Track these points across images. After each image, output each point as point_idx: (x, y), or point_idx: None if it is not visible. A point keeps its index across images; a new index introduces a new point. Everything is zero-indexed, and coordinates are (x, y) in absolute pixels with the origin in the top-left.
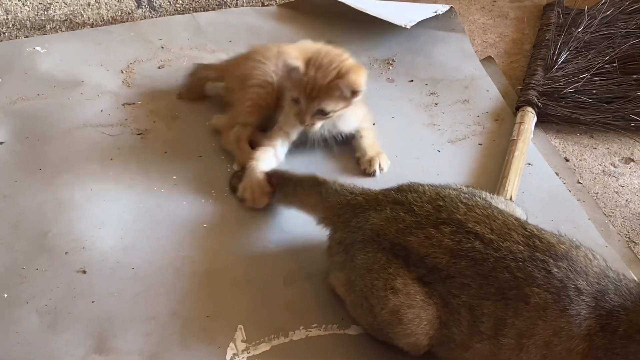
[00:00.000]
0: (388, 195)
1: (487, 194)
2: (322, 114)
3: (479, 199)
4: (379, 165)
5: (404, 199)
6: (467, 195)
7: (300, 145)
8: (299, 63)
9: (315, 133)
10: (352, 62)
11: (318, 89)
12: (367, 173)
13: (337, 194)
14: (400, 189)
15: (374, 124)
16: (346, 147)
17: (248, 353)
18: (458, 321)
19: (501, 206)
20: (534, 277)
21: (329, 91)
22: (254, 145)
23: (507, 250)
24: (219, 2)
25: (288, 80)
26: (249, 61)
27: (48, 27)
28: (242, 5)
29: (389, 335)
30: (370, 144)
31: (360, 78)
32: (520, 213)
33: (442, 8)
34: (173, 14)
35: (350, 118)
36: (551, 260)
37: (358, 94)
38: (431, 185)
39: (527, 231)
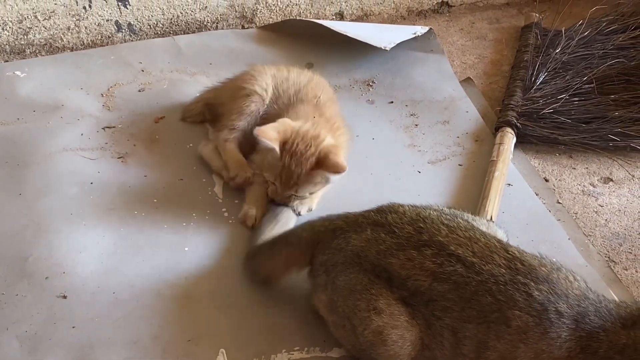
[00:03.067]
0: (368, 216)
1: (469, 215)
2: (299, 197)
3: (461, 221)
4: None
5: (384, 220)
6: (449, 217)
7: None
8: (275, 145)
9: None
10: (328, 141)
11: (297, 177)
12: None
13: (308, 229)
14: (380, 210)
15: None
16: None
17: None
18: (441, 343)
19: (483, 228)
20: (515, 300)
21: (309, 178)
22: None
23: (488, 273)
24: (199, 25)
25: (263, 154)
26: (243, 75)
27: (28, 51)
28: (222, 28)
29: (371, 356)
30: None
31: (341, 158)
32: (501, 235)
33: (421, 30)
34: (153, 37)
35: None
36: (532, 284)
37: (340, 174)
38: (411, 206)
39: (509, 254)
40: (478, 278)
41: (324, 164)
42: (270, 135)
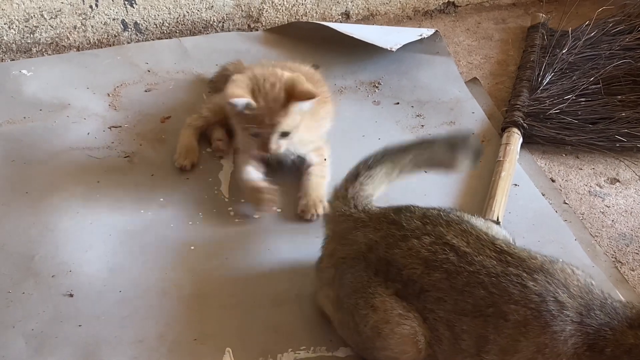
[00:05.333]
0: (387, 216)
1: (465, 214)
2: (285, 135)
3: (453, 216)
4: (315, 214)
5: (397, 218)
6: (445, 213)
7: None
8: (250, 99)
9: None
10: (288, 74)
11: (276, 115)
12: (302, 217)
13: (345, 200)
14: (397, 210)
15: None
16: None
17: None
18: (438, 339)
19: (482, 228)
20: (509, 293)
21: (287, 113)
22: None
23: (480, 264)
24: (205, 24)
25: (240, 117)
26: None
27: (34, 50)
28: (228, 28)
29: (373, 353)
30: (314, 186)
31: (307, 86)
32: (504, 235)
33: (427, 32)
34: (159, 38)
35: (308, 139)
36: (525, 274)
37: (312, 100)
38: (420, 208)
39: (496, 246)
40: (470, 269)
41: (294, 95)
42: (239, 93)
